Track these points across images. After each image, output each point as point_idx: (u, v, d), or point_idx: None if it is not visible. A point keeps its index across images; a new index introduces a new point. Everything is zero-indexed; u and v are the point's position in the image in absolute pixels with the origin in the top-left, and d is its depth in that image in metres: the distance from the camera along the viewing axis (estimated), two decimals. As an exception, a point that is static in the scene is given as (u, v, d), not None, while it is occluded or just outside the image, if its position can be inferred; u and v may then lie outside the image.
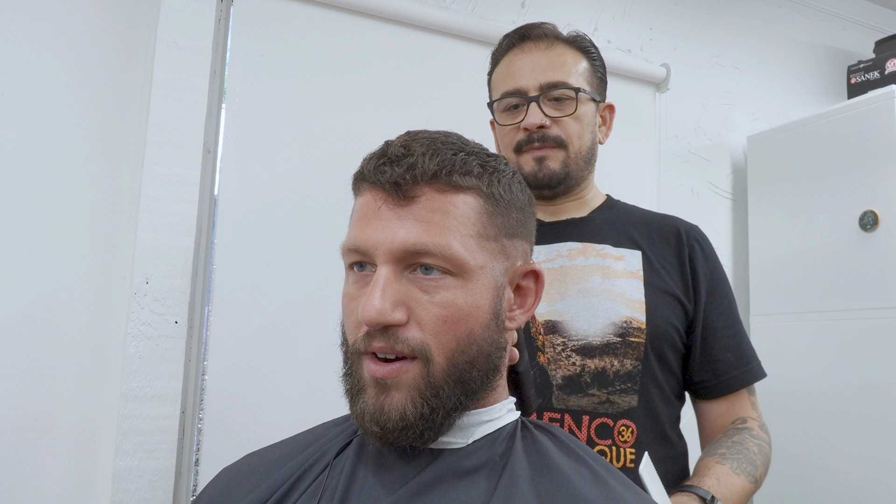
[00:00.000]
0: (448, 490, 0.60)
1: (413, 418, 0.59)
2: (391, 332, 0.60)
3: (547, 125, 1.03)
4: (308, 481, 0.65)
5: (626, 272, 1.05)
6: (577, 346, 0.99)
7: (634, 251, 1.08)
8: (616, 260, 1.06)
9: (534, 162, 1.05)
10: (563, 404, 0.98)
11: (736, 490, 0.94)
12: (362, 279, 0.63)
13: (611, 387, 0.99)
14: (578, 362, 0.99)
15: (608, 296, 1.02)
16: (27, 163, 1.27)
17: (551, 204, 1.12)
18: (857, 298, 1.76)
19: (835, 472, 1.75)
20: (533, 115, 1.03)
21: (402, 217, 0.60)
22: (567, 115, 1.04)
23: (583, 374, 0.98)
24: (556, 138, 1.04)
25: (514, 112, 1.06)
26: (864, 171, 1.78)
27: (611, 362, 0.99)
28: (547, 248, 1.07)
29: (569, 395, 0.98)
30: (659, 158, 2.01)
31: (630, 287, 1.04)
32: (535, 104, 1.03)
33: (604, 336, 1.00)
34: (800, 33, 2.34)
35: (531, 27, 1.09)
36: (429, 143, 0.63)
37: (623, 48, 2.00)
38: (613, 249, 1.07)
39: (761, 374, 1.11)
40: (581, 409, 0.97)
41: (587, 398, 0.98)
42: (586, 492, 0.59)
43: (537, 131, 1.03)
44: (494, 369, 0.65)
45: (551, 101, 1.04)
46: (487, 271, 0.62)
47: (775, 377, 1.94)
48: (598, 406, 0.98)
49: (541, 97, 1.04)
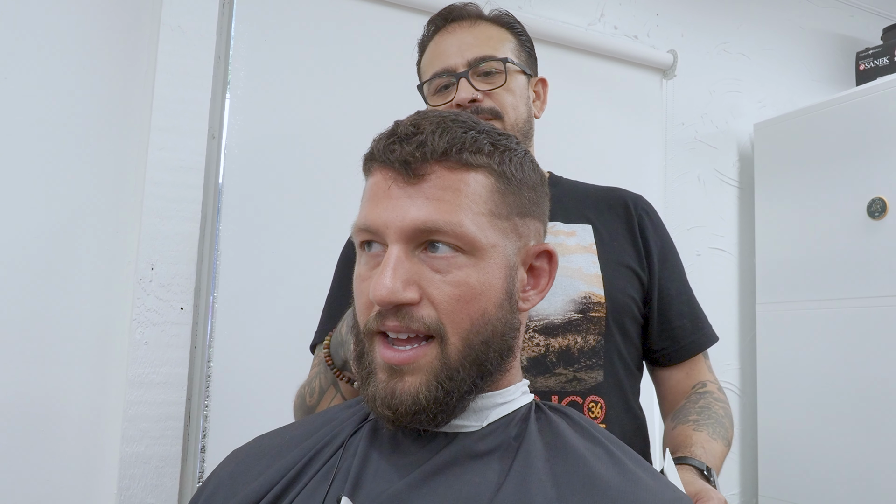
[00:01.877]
0: (462, 472, 0.59)
1: (426, 402, 0.59)
2: (404, 311, 0.59)
3: (479, 98, 1.01)
4: (320, 463, 0.65)
5: (580, 247, 1.04)
6: (539, 325, 0.98)
7: (585, 226, 1.07)
8: (568, 236, 1.05)
9: None
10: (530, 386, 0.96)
11: (718, 455, 0.94)
12: (373, 259, 0.62)
13: (577, 364, 0.98)
14: (542, 342, 0.97)
15: (565, 272, 1.01)
16: (31, 149, 1.26)
17: None
18: (865, 286, 1.75)
19: (840, 461, 1.75)
20: (464, 90, 1.00)
21: (412, 195, 0.60)
22: (498, 87, 1.02)
23: (548, 353, 0.97)
24: (491, 110, 1.02)
25: (445, 92, 1.04)
26: (872, 158, 1.76)
27: (574, 339, 0.98)
28: None
29: (536, 376, 0.96)
30: (665, 146, 1.99)
31: (585, 262, 1.03)
32: (464, 80, 1.01)
33: (565, 314, 0.99)
34: (807, 20, 2.32)
35: (453, 8, 1.08)
36: (439, 122, 0.62)
37: (630, 34, 1.99)
38: (564, 226, 1.06)
39: (715, 337, 1.11)
40: (549, 390, 0.96)
41: (554, 378, 0.97)
42: (602, 472, 0.58)
43: (470, 105, 1.00)
44: (508, 350, 0.64)
45: (481, 77, 1.03)
46: (500, 250, 0.62)
47: (782, 366, 1.94)
48: (565, 385, 0.97)
49: (469, 72, 1.02)
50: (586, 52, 1.86)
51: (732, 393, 2.09)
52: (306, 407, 0.98)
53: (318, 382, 0.96)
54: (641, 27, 2.01)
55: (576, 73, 1.86)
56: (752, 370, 2.09)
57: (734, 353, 2.10)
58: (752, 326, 2.08)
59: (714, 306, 2.07)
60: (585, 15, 1.93)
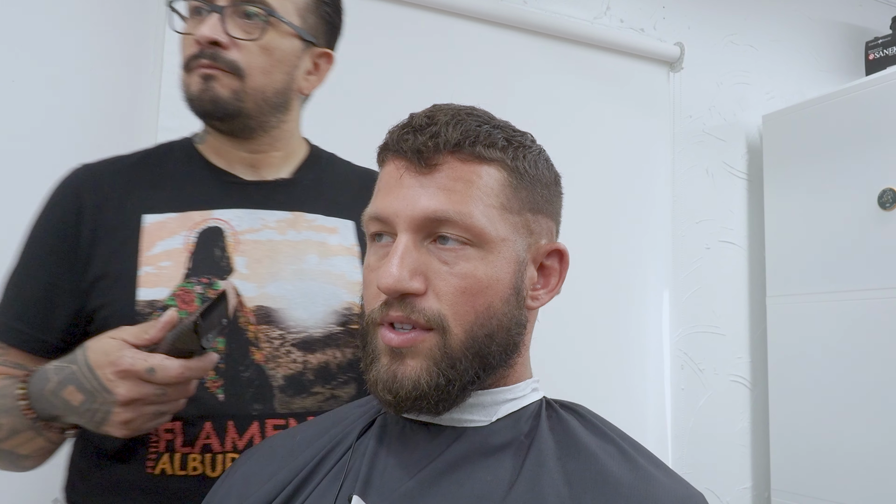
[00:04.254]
0: (473, 470, 0.59)
1: (427, 388, 0.59)
2: (408, 302, 0.59)
3: (223, 43, 0.84)
4: (331, 464, 0.65)
5: (343, 248, 0.94)
6: (298, 339, 0.88)
7: (346, 221, 0.96)
8: (330, 233, 0.95)
9: (200, 80, 0.86)
10: (286, 408, 0.86)
11: None
12: (382, 249, 0.63)
13: (334, 381, 0.89)
14: (300, 359, 0.87)
15: (327, 278, 0.91)
16: (38, 149, 1.27)
17: (243, 149, 0.93)
18: (877, 278, 1.73)
19: (853, 454, 1.74)
20: (208, 27, 0.84)
21: (424, 185, 0.60)
22: (249, 40, 0.86)
23: (305, 371, 0.87)
24: (231, 63, 0.85)
25: (197, 20, 0.87)
26: (882, 149, 1.75)
27: (333, 354, 0.89)
28: (251, 214, 0.91)
29: (292, 397, 0.86)
30: (673, 139, 1.98)
31: (349, 267, 0.93)
32: (217, 15, 0.84)
33: (325, 326, 0.89)
34: (815, 10, 2.30)
35: None
36: (453, 114, 0.62)
37: (636, 27, 1.97)
38: (326, 220, 0.95)
39: None
40: (306, 411, 0.87)
41: (312, 398, 0.88)
42: (615, 470, 0.58)
43: (209, 47, 0.84)
44: (514, 346, 0.64)
45: (242, 19, 0.86)
46: (509, 244, 0.62)
47: (792, 359, 1.93)
48: (322, 404, 0.88)
49: (228, 8, 0.85)
50: (592, 46, 1.86)
51: (743, 386, 2.08)
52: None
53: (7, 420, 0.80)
54: (648, 20, 2.00)
55: (582, 67, 1.85)
56: (762, 363, 2.08)
57: (745, 346, 2.09)
58: (763, 319, 2.07)
59: (724, 299, 2.07)
60: (591, 8, 1.92)
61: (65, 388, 0.75)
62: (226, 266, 0.88)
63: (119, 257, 0.86)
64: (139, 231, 0.87)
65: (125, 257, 0.86)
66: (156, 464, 0.82)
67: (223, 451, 0.84)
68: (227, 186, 0.92)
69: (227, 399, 0.84)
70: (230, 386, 0.85)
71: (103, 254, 0.86)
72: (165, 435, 0.83)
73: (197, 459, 0.83)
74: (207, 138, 0.95)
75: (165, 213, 0.89)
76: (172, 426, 0.83)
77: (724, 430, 2.04)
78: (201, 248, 0.88)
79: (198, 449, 0.83)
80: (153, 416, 0.75)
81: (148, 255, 0.86)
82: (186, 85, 0.88)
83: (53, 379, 0.76)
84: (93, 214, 0.87)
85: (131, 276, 0.85)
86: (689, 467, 1.94)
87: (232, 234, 0.90)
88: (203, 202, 0.91)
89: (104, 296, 0.85)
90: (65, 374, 0.76)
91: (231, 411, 0.84)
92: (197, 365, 0.73)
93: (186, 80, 0.88)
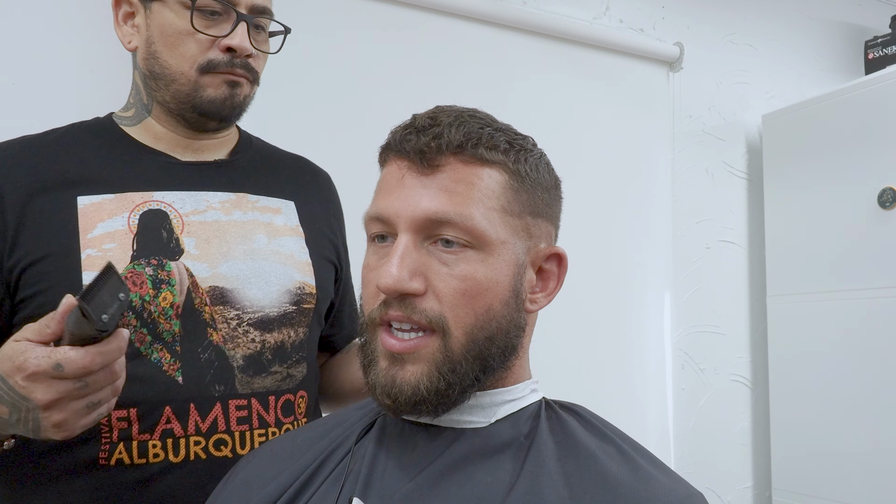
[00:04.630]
0: (473, 471, 0.59)
1: (427, 392, 0.59)
2: (408, 302, 0.59)
3: (253, 55, 0.90)
4: (331, 466, 0.65)
5: (288, 229, 0.96)
6: (254, 319, 0.89)
7: (288, 202, 0.98)
8: (275, 213, 0.96)
9: (227, 86, 0.89)
10: (247, 388, 0.87)
11: None
12: (382, 250, 0.63)
13: (289, 360, 0.91)
14: (258, 338, 0.88)
15: (278, 258, 0.92)
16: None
17: (199, 137, 0.95)
18: (877, 277, 1.73)
19: (854, 453, 1.74)
20: (241, 38, 0.88)
21: (426, 185, 0.60)
22: (273, 53, 0.96)
23: (263, 351, 0.89)
24: (255, 72, 0.92)
25: (211, 20, 0.87)
26: (882, 148, 1.75)
27: (288, 334, 0.91)
28: (193, 196, 0.91)
29: (252, 376, 0.87)
30: (673, 139, 1.98)
31: (296, 247, 0.95)
32: (245, 26, 0.88)
33: (280, 305, 0.91)
34: (814, 9, 2.30)
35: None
36: (456, 115, 0.62)
37: (635, 27, 1.98)
38: (269, 200, 0.96)
39: None
40: (266, 391, 0.88)
41: (270, 377, 0.89)
42: (614, 470, 0.58)
43: (237, 56, 0.89)
44: (512, 348, 0.64)
45: (255, 28, 0.91)
46: (509, 247, 0.62)
47: (793, 358, 1.93)
48: (280, 383, 0.90)
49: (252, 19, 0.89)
50: (592, 47, 1.86)
51: (744, 386, 2.08)
52: None
53: None
54: (647, 20, 2.00)
55: (582, 67, 1.85)
56: (763, 363, 2.08)
57: (745, 345, 2.09)
58: (763, 319, 2.07)
59: (724, 299, 2.07)
60: (590, 9, 1.92)
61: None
62: (175, 247, 0.87)
63: (55, 240, 0.82)
64: (75, 212, 0.84)
65: (62, 239, 0.83)
66: (110, 455, 0.80)
67: (185, 435, 0.82)
68: (164, 168, 0.91)
69: (186, 382, 0.83)
70: (189, 368, 0.84)
71: (32, 238, 0.82)
72: (119, 424, 0.80)
73: (157, 446, 0.81)
74: (147, 121, 0.94)
75: (101, 195, 0.86)
76: (126, 413, 0.80)
77: (725, 430, 2.04)
78: (145, 229, 0.87)
79: (157, 435, 0.81)
80: (87, 409, 0.69)
81: (89, 238, 0.83)
82: (200, 86, 0.89)
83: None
84: (14, 198, 0.83)
85: (74, 259, 0.82)
86: (691, 467, 1.94)
87: (176, 217, 0.89)
88: (141, 183, 0.89)
89: (40, 282, 0.81)
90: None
91: (192, 394, 0.83)
92: (107, 348, 0.67)
93: (201, 82, 0.89)
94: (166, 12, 0.88)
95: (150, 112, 0.93)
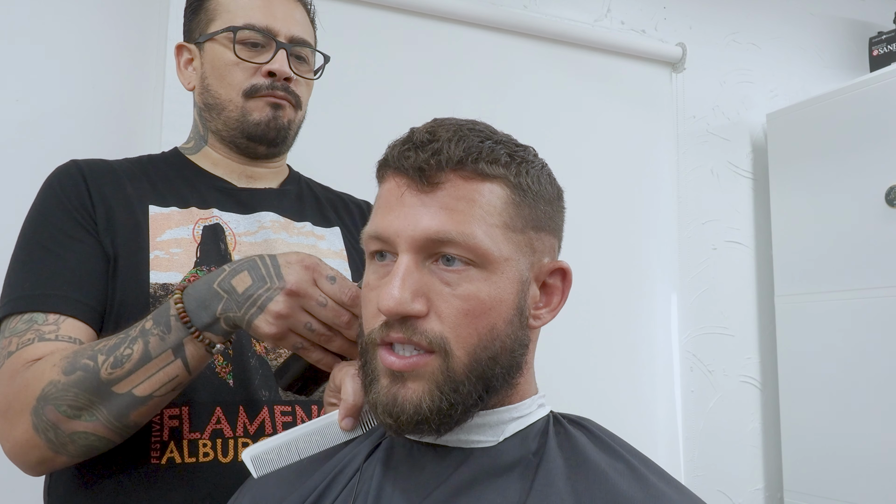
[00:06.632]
0: (483, 492, 0.58)
1: (429, 412, 0.58)
2: (410, 323, 0.58)
3: (293, 80, 0.97)
4: (339, 487, 0.64)
5: (332, 252, 1.01)
6: None
7: (333, 229, 1.04)
8: (319, 239, 1.02)
9: (270, 109, 0.96)
10: (291, 396, 0.90)
11: None
12: (383, 269, 0.62)
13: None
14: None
15: None
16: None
17: (253, 164, 1.02)
18: (886, 276, 1.72)
19: (866, 453, 1.73)
20: (282, 63, 0.95)
21: (426, 203, 0.59)
22: (313, 78, 1.02)
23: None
24: (297, 96, 0.98)
25: (254, 51, 0.96)
26: (889, 145, 1.73)
27: None
28: (246, 218, 0.98)
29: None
30: (677, 140, 1.98)
31: (339, 269, 0.94)
32: (284, 52, 0.96)
33: None
34: (817, 6, 2.28)
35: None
36: (455, 130, 0.61)
37: (637, 28, 1.97)
38: (314, 228, 1.03)
39: None
40: (309, 400, 0.92)
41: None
42: (624, 488, 0.57)
43: (279, 81, 0.96)
44: (516, 366, 0.63)
45: (295, 59, 0.98)
46: (512, 264, 0.61)
47: (803, 358, 1.91)
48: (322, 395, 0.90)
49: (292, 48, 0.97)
50: (594, 49, 1.85)
51: (753, 387, 2.07)
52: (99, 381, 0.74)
53: (137, 347, 0.75)
54: (649, 21, 1.99)
55: (584, 70, 1.84)
56: (772, 363, 2.07)
57: (754, 346, 2.08)
58: (772, 319, 2.06)
59: (732, 300, 2.05)
60: (592, 11, 1.91)
61: (236, 276, 0.74)
62: (229, 261, 0.92)
63: (129, 242, 0.88)
64: (147, 218, 0.91)
65: (135, 241, 0.88)
66: (161, 454, 0.82)
67: (234, 436, 0.85)
68: (222, 191, 0.99)
69: (236, 385, 0.87)
70: (239, 372, 0.88)
71: (112, 238, 0.88)
72: (170, 422, 0.83)
73: (207, 445, 0.84)
74: (204, 150, 1.02)
75: (169, 207, 0.94)
76: (178, 412, 0.83)
77: (735, 432, 2.02)
78: (207, 241, 0.93)
79: (207, 434, 0.84)
80: (303, 327, 0.73)
81: (158, 241, 0.90)
82: (247, 111, 0.96)
83: (226, 269, 0.75)
84: (100, 199, 0.90)
85: (144, 260, 0.88)
86: (701, 470, 1.93)
87: (230, 235, 0.96)
88: (202, 202, 0.96)
89: (115, 279, 0.86)
90: (240, 263, 0.75)
91: (241, 396, 0.87)
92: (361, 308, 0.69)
93: (247, 107, 0.96)
94: (217, 48, 0.96)
95: (206, 142, 1.01)
